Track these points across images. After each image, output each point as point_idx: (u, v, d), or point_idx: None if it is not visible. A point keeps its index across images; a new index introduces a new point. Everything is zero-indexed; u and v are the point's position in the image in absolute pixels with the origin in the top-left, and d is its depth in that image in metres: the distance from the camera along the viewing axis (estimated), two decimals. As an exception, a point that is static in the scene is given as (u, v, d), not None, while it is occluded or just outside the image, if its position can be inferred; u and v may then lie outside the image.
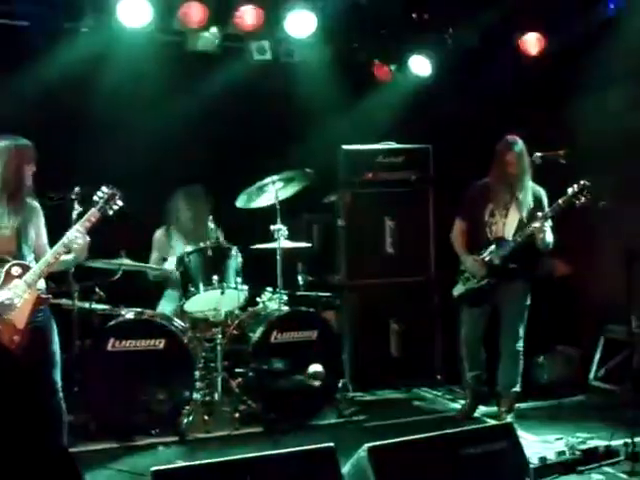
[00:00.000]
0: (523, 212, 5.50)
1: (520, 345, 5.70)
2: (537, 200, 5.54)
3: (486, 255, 5.54)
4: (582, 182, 5.23)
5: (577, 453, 4.76)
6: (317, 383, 5.69)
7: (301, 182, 6.19)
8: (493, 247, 5.53)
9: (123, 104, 6.45)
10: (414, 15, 6.73)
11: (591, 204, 5.21)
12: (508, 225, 5.54)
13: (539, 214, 5.38)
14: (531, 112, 6.79)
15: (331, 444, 3.63)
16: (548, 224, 5.36)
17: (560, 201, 5.31)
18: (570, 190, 5.25)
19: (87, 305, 5.53)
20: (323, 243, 7.15)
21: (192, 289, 5.73)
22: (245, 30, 6.38)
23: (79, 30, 6.20)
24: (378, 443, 3.66)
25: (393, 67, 7.27)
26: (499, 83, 6.81)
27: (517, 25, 6.74)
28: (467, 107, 6.99)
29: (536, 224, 5.33)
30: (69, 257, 4.44)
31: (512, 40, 6.81)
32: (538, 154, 5.58)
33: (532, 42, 6.74)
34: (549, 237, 5.42)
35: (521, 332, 5.68)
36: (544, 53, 6.76)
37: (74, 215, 4.61)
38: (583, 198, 5.24)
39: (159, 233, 6.39)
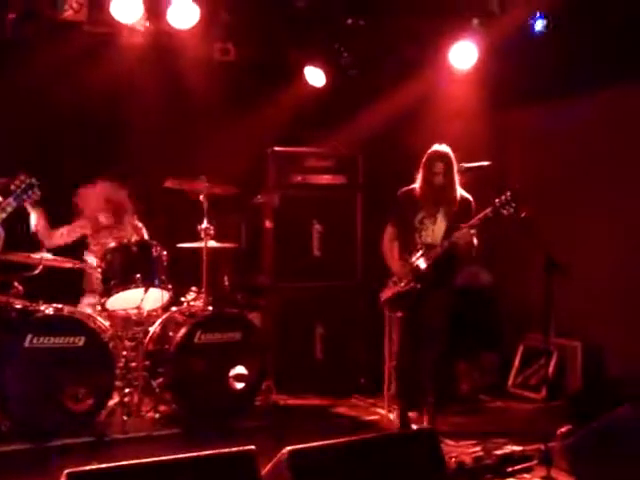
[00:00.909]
0: (451, 219, 5.58)
1: (442, 351, 5.76)
2: (465, 207, 5.62)
3: (414, 260, 5.60)
4: (508, 193, 5.33)
5: (494, 458, 4.85)
6: (240, 385, 5.66)
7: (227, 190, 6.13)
8: (421, 253, 5.60)
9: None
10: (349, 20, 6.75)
11: (514, 214, 5.31)
12: (437, 231, 5.61)
13: (464, 224, 5.45)
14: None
15: (251, 447, 3.61)
16: (472, 233, 5.45)
17: (488, 211, 5.40)
18: (497, 201, 5.34)
19: (4, 299, 5.37)
20: (250, 244, 7.12)
21: (114, 286, 5.63)
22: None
23: None
24: (298, 447, 3.65)
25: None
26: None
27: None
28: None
29: (462, 232, 5.40)
30: None
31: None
32: (463, 164, 5.66)
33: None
34: (473, 246, 5.51)
35: (443, 338, 5.74)
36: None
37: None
38: (510, 208, 5.34)
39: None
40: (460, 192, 5.65)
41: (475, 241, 5.49)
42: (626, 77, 6.16)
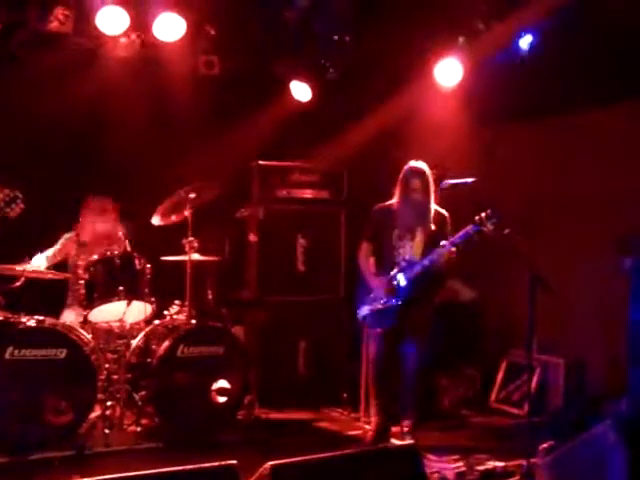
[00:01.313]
0: (429, 235, 5.60)
1: (423, 366, 5.77)
2: (441, 222, 5.65)
3: (393, 277, 5.61)
4: (489, 210, 5.36)
5: (476, 474, 4.86)
6: (222, 399, 5.64)
7: (213, 192, 6.12)
8: (400, 269, 5.61)
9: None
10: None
11: (496, 231, 5.34)
12: (415, 248, 5.63)
13: (445, 242, 5.47)
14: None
15: (233, 462, 3.59)
16: (453, 249, 5.47)
17: (468, 228, 5.41)
18: (477, 218, 5.37)
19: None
20: (234, 258, 7.11)
21: (97, 299, 5.60)
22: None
23: None
24: (280, 461, 3.64)
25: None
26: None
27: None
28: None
29: (443, 250, 5.43)
30: None
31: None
32: (448, 181, 5.69)
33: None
34: (452, 263, 5.54)
35: (425, 352, 5.74)
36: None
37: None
38: (491, 225, 5.35)
39: (66, 237, 6.20)
40: (435, 207, 5.68)
41: (452, 263, 5.52)
42: (611, 96, 6.23)
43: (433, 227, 5.63)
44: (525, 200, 7.17)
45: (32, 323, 5.39)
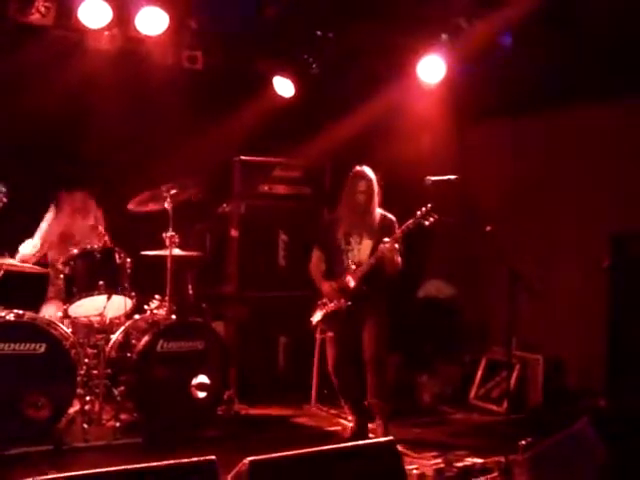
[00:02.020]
0: (376, 237, 5.65)
1: (383, 359, 5.77)
2: (388, 226, 5.70)
3: (342, 279, 5.67)
4: (428, 205, 5.44)
5: (455, 470, 4.88)
6: (202, 394, 5.63)
7: (195, 189, 6.11)
8: (349, 271, 5.66)
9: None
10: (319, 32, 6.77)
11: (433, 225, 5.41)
12: (363, 250, 5.71)
13: (387, 239, 5.52)
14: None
15: (212, 457, 3.59)
16: (396, 246, 5.52)
17: (409, 223, 5.50)
18: (418, 213, 5.47)
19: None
20: (215, 253, 7.09)
21: (77, 293, 5.57)
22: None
23: None
24: (259, 457, 3.64)
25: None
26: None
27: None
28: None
29: (386, 247, 5.48)
30: None
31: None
32: (430, 178, 5.72)
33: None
34: (398, 259, 5.58)
35: (382, 348, 5.74)
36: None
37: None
38: (431, 219, 5.44)
39: (46, 223, 6.15)
40: (383, 212, 5.72)
41: (398, 254, 5.54)
42: (594, 92, 6.26)
43: (381, 230, 5.67)
44: (506, 197, 7.21)
45: (11, 317, 5.35)
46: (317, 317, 5.81)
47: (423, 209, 5.48)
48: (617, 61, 5.87)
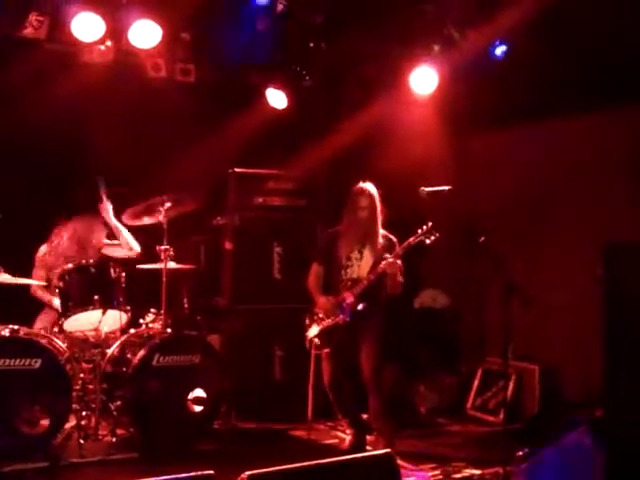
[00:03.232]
0: (376, 254, 5.63)
1: (378, 377, 5.75)
2: (389, 246, 5.67)
3: (340, 295, 5.65)
4: (429, 223, 5.46)
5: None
6: (199, 408, 5.61)
7: (190, 204, 6.11)
8: (347, 287, 5.65)
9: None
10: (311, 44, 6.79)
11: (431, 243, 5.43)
12: (363, 266, 5.69)
13: (388, 255, 5.51)
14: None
15: (210, 471, 3.57)
16: (399, 262, 5.51)
17: (410, 240, 5.50)
18: (419, 230, 5.48)
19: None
20: (210, 266, 7.08)
21: (72, 307, 5.55)
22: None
23: None
24: (257, 471, 3.62)
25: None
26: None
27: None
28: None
29: (387, 263, 5.46)
30: None
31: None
32: (424, 189, 5.73)
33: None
34: (400, 278, 5.57)
35: (378, 365, 5.73)
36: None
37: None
38: (432, 237, 5.45)
39: (43, 250, 6.16)
40: (385, 233, 5.72)
41: (401, 278, 5.54)
42: (585, 104, 6.28)
43: (380, 247, 5.66)
44: (501, 207, 7.22)
45: (6, 332, 5.33)
46: (313, 332, 5.77)
47: (424, 227, 5.46)
48: (609, 72, 5.90)
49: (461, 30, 6.39)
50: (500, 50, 6.42)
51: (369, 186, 5.75)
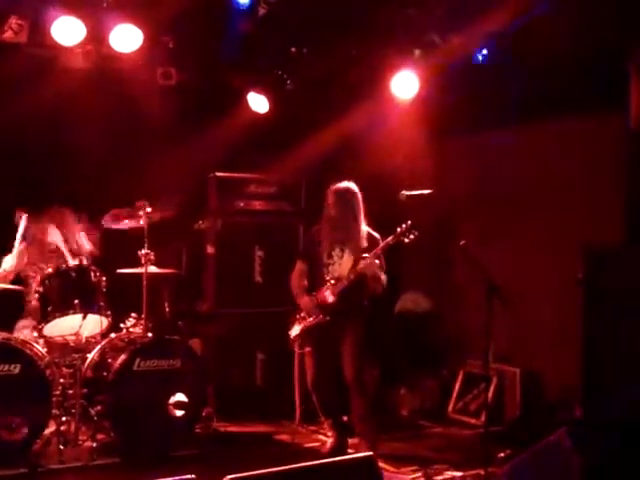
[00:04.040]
0: (358, 253, 5.64)
1: (360, 378, 5.77)
2: (372, 244, 5.68)
3: (321, 294, 5.67)
4: (409, 222, 5.47)
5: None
6: (180, 413, 5.59)
7: (168, 210, 6.09)
8: (328, 286, 5.67)
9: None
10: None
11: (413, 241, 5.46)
12: (344, 265, 5.70)
13: (367, 254, 5.53)
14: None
15: (191, 476, 3.56)
16: (377, 262, 5.52)
17: (389, 239, 5.52)
18: (398, 229, 5.49)
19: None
20: (191, 270, 7.07)
21: (52, 312, 5.52)
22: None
23: None
24: (239, 475, 3.62)
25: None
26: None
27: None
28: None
29: (366, 262, 5.49)
30: None
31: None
32: (405, 192, 5.76)
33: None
34: (381, 276, 5.59)
35: (360, 365, 5.75)
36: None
37: None
38: (411, 236, 5.47)
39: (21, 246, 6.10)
40: (368, 230, 5.73)
41: (383, 275, 5.55)
42: (563, 107, 6.33)
43: (363, 245, 5.67)
44: (482, 210, 7.25)
45: (-16, 337, 5.30)
46: (295, 331, 5.80)
47: (403, 226, 5.48)
48: (586, 75, 5.94)
49: (442, 34, 6.41)
50: (481, 55, 6.45)
51: (344, 184, 5.76)
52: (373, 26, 6.34)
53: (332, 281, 5.65)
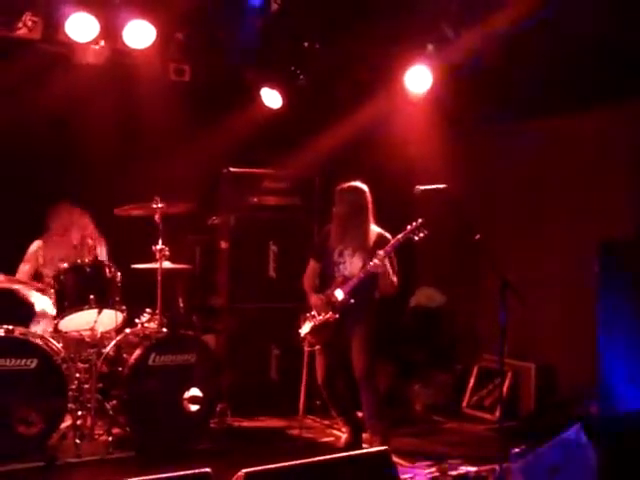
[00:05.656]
0: (368, 252, 5.63)
1: (371, 375, 5.76)
2: (382, 243, 5.66)
3: (331, 292, 5.67)
4: (419, 220, 5.46)
5: (449, 479, 4.88)
6: (194, 407, 5.61)
7: (182, 206, 6.10)
8: (338, 284, 5.67)
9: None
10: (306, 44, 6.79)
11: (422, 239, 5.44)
12: (355, 263, 5.69)
13: (379, 251, 5.52)
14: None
15: (207, 469, 3.58)
16: (387, 261, 5.50)
17: (399, 237, 5.50)
18: (409, 227, 5.48)
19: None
20: (205, 265, 7.08)
21: (67, 307, 5.55)
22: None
23: None
24: (254, 469, 3.63)
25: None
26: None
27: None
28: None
29: (376, 260, 5.47)
30: None
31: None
32: (419, 187, 5.74)
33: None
34: (393, 278, 5.58)
35: (370, 361, 5.74)
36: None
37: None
38: (421, 234, 5.46)
39: (35, 246, 6.16)
40: (380, 230, 5.72)
41: (394, 277, 5.55)
42: (582, 102, 6.29)
43: (373, 244, 5.66)
44: (496, 206, 7.23)
45: (1, 332, 5.33)
46: (305, 329, 5.79)
47: (414, 223, 5.46)
48: (606, 69, 5.91)
49: (455, 28, 6.38)
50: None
51: (352, 184, 5.76)
52: (386, 20, 6.32)
53: (342, 279, 5.64)
